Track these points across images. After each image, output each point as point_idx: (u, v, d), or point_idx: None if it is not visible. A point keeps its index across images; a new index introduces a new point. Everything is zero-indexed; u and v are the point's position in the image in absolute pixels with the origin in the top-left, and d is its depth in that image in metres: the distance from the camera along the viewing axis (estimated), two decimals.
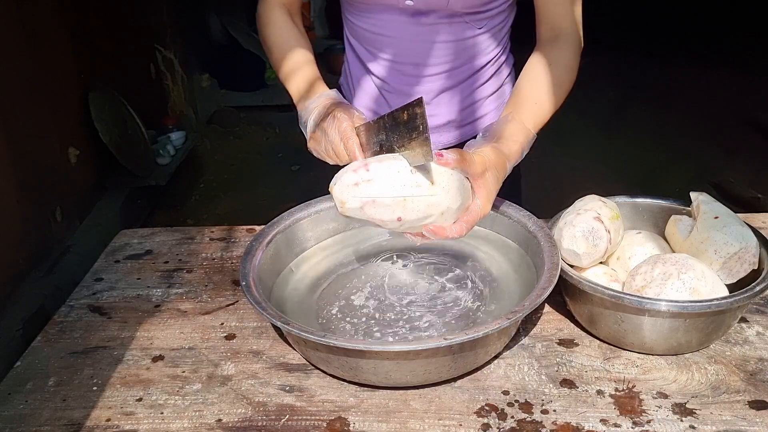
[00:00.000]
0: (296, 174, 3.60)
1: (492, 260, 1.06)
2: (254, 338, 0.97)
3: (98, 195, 2.71)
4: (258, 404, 0.85)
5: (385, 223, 0.83)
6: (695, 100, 4.21)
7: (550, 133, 1.03)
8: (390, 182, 0.81)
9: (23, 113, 2.11)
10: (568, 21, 1.07)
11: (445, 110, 1.23)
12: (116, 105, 2.84)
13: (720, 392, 0.84)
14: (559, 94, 1.03)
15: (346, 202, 0.81)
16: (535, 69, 1.05)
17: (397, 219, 0.82)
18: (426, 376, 0.84)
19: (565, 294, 0.97)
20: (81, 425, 0.83)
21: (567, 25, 1.07)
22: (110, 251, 1.22)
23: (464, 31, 1.15)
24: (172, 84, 3.62)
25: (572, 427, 0.79)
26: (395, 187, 0.81)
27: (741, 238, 0.92)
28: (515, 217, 1.03)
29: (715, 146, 3.63)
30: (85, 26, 2.67)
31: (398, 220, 0.82)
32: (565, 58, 1.05)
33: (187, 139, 3.41)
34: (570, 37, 1.07)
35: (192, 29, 4.00)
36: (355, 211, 0.81)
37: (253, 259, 0.97)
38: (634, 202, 1.08)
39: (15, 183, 1.99)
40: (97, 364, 0.94)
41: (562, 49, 1.06)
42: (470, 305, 0.98)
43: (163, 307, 1.05)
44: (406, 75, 1.19)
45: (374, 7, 1.14)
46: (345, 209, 0.82)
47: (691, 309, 0.83)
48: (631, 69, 4.80)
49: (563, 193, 1.23)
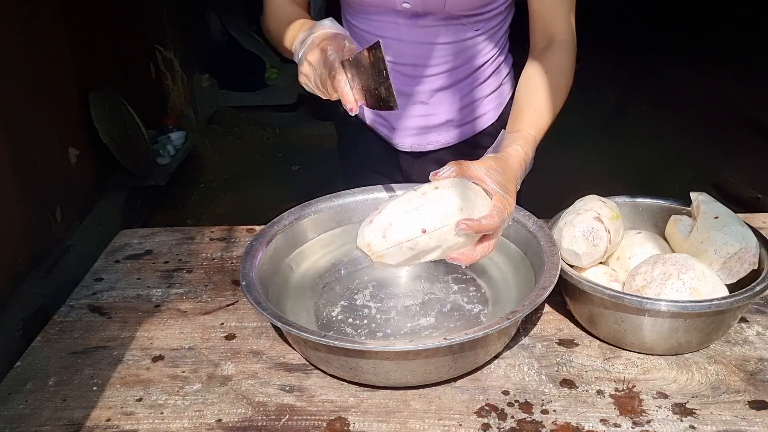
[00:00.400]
0: (296, 174, 3.60)
1: (492, 260, 1.06)
2: (254, 338, 0.97)
3: (98, 195, 2.72)
4: (258, 404, 0.85)
5: (418, 245, 0.81)
6: (695, 100, 4.22)
7: (550, 133, 1.03)
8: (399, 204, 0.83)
9: (23, 113, 2.11)
10: (562, 26, 1.08)
11: (444, 109, 1.23)
12: (116, 105, 2.84)
13: (720, 392, 0.84)
14: (556, 100, 1.03)
15: (371, 244, 0.81)
16: (531, 78, 1.05)
17: (421, 231, 0.80)
18: (426, 376, 0.84)
19: (565, 294, 0.97)
20: (81, 425, 0.83)
21: (561, 30, 1.08)
22: (110, 251, 1.22)
23: (462, 33, 1.15)
24: (172, 84, 3.62)
25: (572, 427, 0.79)
26: (405, 204, 0.82)
27: (741, 238, 0.92)
28: (515, 217, 1.03)
29: (715, 146, 3.62)
30: (85, 26, 2.67)
31: (423, 232, 0.80)
32: (561, 63, 1.06)
33: (187, 139, 3.41)
34: (564, 43, 1.07)
35: (192, 29, 4.00)
36: (383, 245, 0.81)
37: (253, 259, 0.97)
38: (634, 202, 1.08)
39: (15, 183, 1.99)
40: (97, 364, 0.94)
41: (557, 54, 1.06)
42: (470, 305, 0.98)
43: (163, 307, 1.05)
44: (405, 75, 1.19)
45: (372, 9, 1.14)
46: (375, 252, 0.82)
47: (691, 309, 0.83)
48: (631, 69, 4.79)
49: (563, 193, 1.23)
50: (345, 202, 1.11)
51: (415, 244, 0.81)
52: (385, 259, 0.82)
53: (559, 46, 1.07)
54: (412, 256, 0.82)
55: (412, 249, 0.81)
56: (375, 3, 1.13)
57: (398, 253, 0.82)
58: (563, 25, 1.08)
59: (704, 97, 4.20)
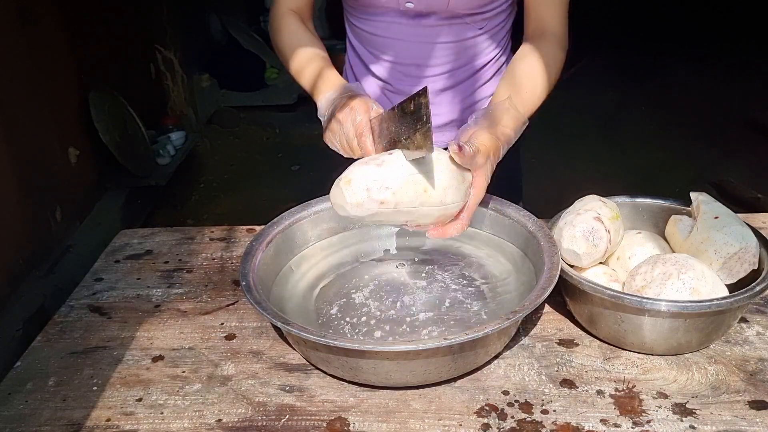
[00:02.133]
0: (296, 174, 3.60)
1: (492, 260, 1.06)
2: (254, 338, 0.97)
3: (98, 195, 2.72)
4: (258, 404, 0.85)
5: (384, 207, 0.82)
6: (695, 100, 4.22)
7: (550, 133, 1.04)
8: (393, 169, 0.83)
9: (23, 113, 2.11)
10: (554, 22, 1.10)
11: (446, 110, 1.23)
12: (116, 105, 2.84)
13: (720, 392, 0.84)
14: (548, 86, 1.06)
15: (348, 195, 0.81)
16: (528, 57, 1.07)
17: (392, 195, 0.81)
18: (426, 376, 0.84)
19: (565, 294, 0.97)
20: (81, 425, 0.83)
21: (553, 25, 1.10)
22: (110, 251, 1.22)
23: (465, 32, 1.15)
24: (172, 84, 3.62)
25: (572, 427, 0.79)
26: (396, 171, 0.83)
27: (741, 238, 0.92)
28: (515, 217, 1.03)
29: (715, 146, 3.62)
30: (85, 26, 2.67)
31: (393, 195, 0.81)
32: (552, 53, 1.08)
33: (187, 139, 3.42)
34: (555, 37, 1.09)
35: (192, 29, 4.00)
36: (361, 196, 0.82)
37: (253, 259, 0.97)
38: (634, 202, 1.08)
39: (15, 183, 1.99)
40: (97, 364, 0.94)
41: (549, 45, 1.08)
42: (470, 305, 0.98)
43: (163, 307, 1.05)
44: (408, 76, 1.19)
45: (376, 9, 1.15)
46: (348, 203, 0.82)
47: (691, 309, 0.83)
48: (631, 69, 4.80)
49: (563, 193, 1.23)
50: None
51: (383, 208, 0.82)
52: (352, 211, 0.82)
53: (551, 39, 1.09)
54: (377, 222, 0.85)
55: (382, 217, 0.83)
56: (378, 3, 1.13)
57: (368, 214, 0.82)
58: (556, 20, 1.10)
59: (704, 97, 4.20)
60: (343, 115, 0.95)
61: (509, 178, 0.96)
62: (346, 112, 0.95)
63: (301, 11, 1.19)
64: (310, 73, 1.09)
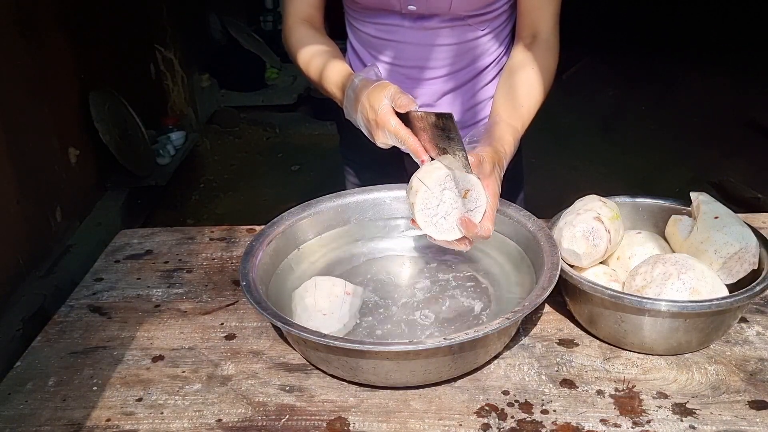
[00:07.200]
0: (296, 174, 3.60)
1: (492, 260, 1.06)
2: (254, 338, 0.97)
3: (98, 195, 2.72)
4: (258, 404, 0.85)
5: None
6: (695, 100, 4.22)
7: (550, 133, 1.05)
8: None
9: (23, 113, 2.11)
10: (547, 25, 1.13)
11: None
12: (116, 105, 2.84)
13: (720, 392, 0.84)
14: (543, 97, 1.10)
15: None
16: (524, 69, 1.10)
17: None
18: (426, 376, 0.84)
19: (565, 294, 0.97)
20: (81, 425, 0.83)
21: (545, 30, 1.12)
22: (110, 251, 1.22)
23: (467, 34, 1.15)
24: (172, 84, 3.62)
25: (572, 427, 0.79)
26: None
27: (741, 238, 0.92)
28: (515, 217, 1.03)
29: (714, 147, 3.63)
30: (85, 26, 2.67)
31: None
32: (544, 61, 1.11)
33: (187, 139, 3.41)
34: (547, 42, 1.12)
35: (192, 29, 4.00)
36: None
37: (253, 258, 0.97)
38: (634, 202, 1.08)
39: (15, 183, 2.00)
40: (97, 364, 0.94)
41: (541, 51, 1.11)
42: (471, 305, 0.98)
43: (163, 307, 1.05)
44: (410, 78, 1.19)
45: (377, 12, 1.15)
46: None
47: (691, 309, 0.83)
48: (631, 69, 4.80)
49: (563, 193, 1.23)
50: (345, 202, 1.11)
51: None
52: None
53: (543, 44, 1.12)
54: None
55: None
56: (380, 6, 1.13)
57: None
58: (548, 24, 1.13)
59: (704, 98, 4.20)
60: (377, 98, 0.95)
61: (510, 179, 0.96)
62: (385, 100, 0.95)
63: (312, 19, 1.19)
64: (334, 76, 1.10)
